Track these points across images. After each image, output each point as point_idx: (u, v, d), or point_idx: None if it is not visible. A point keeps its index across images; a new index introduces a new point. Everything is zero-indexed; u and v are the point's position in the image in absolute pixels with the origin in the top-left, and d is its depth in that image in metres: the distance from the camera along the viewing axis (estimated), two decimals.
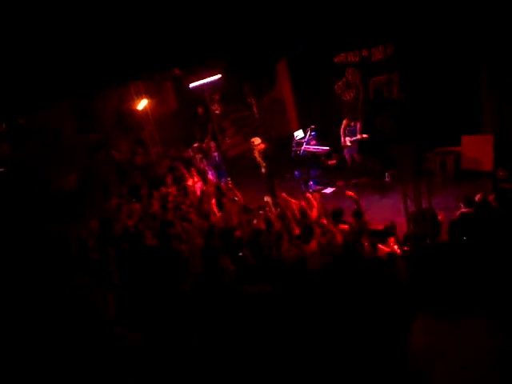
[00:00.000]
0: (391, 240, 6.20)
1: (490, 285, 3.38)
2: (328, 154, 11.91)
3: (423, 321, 3.15)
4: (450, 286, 3.38)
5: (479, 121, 9.43)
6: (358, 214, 6.65)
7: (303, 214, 7.01)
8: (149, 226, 8.09)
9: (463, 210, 5.98)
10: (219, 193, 9.28)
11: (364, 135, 10.54)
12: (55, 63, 9.02)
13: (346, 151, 11.01)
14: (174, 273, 6.08)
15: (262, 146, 10.30)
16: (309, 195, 7.43)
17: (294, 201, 7.51)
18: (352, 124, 10.77)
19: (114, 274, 6.45)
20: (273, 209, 8.49)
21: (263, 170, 10.10)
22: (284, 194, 7.76)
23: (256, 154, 10.26)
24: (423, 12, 8.93)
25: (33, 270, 7.19)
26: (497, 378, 2.70)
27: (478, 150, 9.23)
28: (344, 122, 10.87)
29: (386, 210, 8.96)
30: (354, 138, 10.66)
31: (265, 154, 10.24)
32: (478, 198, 6.05)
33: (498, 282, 3.41)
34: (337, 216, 6.74)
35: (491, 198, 6.06)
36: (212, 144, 12.30)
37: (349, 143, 10.76)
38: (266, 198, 9.21)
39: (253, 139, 10.47)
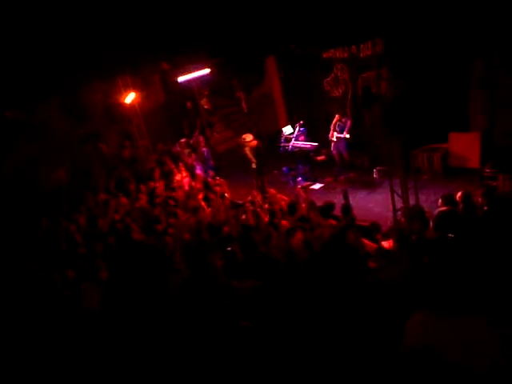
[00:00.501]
0: (378, 236, 6.24)
1: (480, 281, 3.40)
2: (317, 150, 11.91)
3: (422, 318, 3.15)
4: (442, 282, 3.40)
5: (467, 118, 9.50)
6: (347, 210, 6.68)
7: (292, 209, 7.02)
8: (136, 220, 8.06)
9: (442, 208, 6.00)
10: (207, 188, 9.26)
11: (347, 135, 10.55)
12: (43, 56, 8.92)
13: (333, 147, 11.02)
14: (159, 267, 6.07)
15: (254, 142, 10.28)
16: (299, 190, 7.44)
17: (282, 196, 7.53)
18: (343, 120, 10.78)
19: (101, 268, 6.44)
20: (261, 204, 8.49)
21: (253, 165, 10.08)
22: (273, 191, 7.77)
23: (247, 151, 10.23)
24: (412, 8, 8.95)
25: (21, 265, 7.14)
26: (497, 376, 2.70)
27: (465, 147, 9.31)
28: (336, 116, 10.88)
29: (373, 206, 9.02)
30: (339, 135, 10.69)
31: (256, 150, 10.22)
32: (459, 195, 6.07)
33: (488, 277, 3.44)
34: (326, 211, 6.76)
35: (478, 194, 6.10)
36: (201, 139, 12.25)
37: (334, 138, 10.79)
38: (255, 193, 9.20)
39: (244, 135, 10.45)
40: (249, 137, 10.29)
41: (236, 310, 4.60)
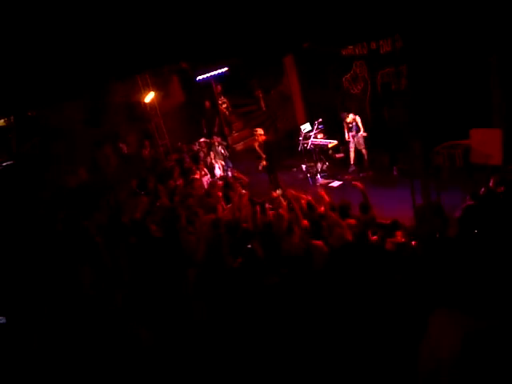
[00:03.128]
0: (398, 233, 6.18)
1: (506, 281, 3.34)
2: (335, 148, 11.88)
3: (445, 317, 3.10)
4: (467, 281, 3.35)
5: (489, 114, 9.34)
6: (365, 208, 6.63)
7: (311, 207, 7.00)
8: (156, 219, 8.13)
9: (469, 202, 5.94)
10: (226, 186, 9.29)
11: (364, 133, 10.54)
12: (66, 58, 9.07)
13: (351, 146, 11.00)
14: (180, 265, 6.11)
15: (263, 137, 10.21)
16: (321, 191, 7.40)
17: (301, 195, 7.51)
18: (351, 118, 10.77)
19: (124, 270, 6.48)
20: (282, 202, 8.48)
21: (264, 162, 10.00)
22: (291, 190, 7.75)
23: (256, 145, 10.17)
24: (432, 3, 8.85)
25: (38, 266, 7.23)
26: None
27: (486, 143, 9.13)
28: (343, 116, 10.95)
29: (393, 205, 8.93)
30: (355, 134, 10.68)
31: (266, 146, 10.14)
32: (482, 191, 6.00)
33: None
34: (344, 210, 6.72)
35: (500, 189, 6.02)
36: (216, 138, 12.33)
37: (351, 139, 10.82)
38: (277, 192, 9.17)
39: (256, 128, 10.37)
40: (260, 131, 10.19)
41: (255, 307, 4.62)
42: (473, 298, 3.12)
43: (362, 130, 10.70)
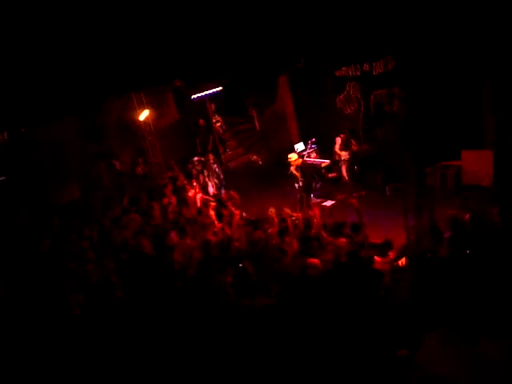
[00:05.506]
0: (391, 254, 6.16)
1: (498, 302, 3.33)
2: (328, 167, 11.92)
3: (435, 341, 3.07)
4: (457, 302, 3.33)
5: (481, 136, 9.43)
6: (357, 228, 6.64)
7: (306, 226, 6.98)
8: (148, 236, 8.07)
9: (449, 232, 5.98)
10: (219, 204, 9.26)
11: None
12: (62, 76, 9.10)
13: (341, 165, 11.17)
14: (169, 283, 6.07)
15: (299, 161, 10.38)
16: (315, 210, 7.40)
17: (295, 214, 7.50)
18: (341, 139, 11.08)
19: (116, 286, 6.40)
20: (275, 220, 8.47)
21: (300, 183, 10.16)
22: (287, 209, 7.74)
23: (293, 170, 10.36)
24: (425, 26, 8.99)
25: (25, 287, 7.10)
26: None
27: (478, 165, 9.21)
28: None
29: (386, 224, 8.92)
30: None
31: (303, 168, 10.30)
32: (467, 217, 6.03)
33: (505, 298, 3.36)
34: (337, 229, 6.71)
35: (490, 213, 6.04)
36: (211, 156, 12.36)
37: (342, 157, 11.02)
38: (270, 210, 9.17)
39: (289, 155, 10.53)
40: (294, 156, 10.39)
41: (247, 329, 4.57)
42: (462, 318, 3.10)
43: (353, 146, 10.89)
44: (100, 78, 9.63)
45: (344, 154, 11.25)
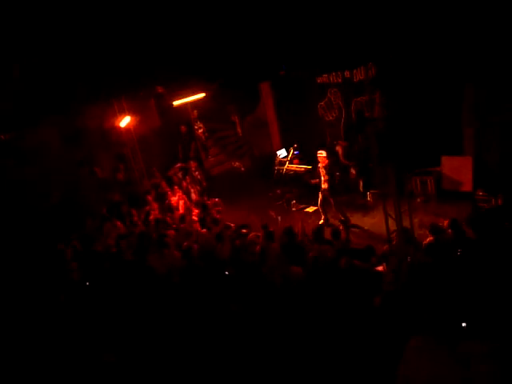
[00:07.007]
0: (373, 259, 6.22)
1: (478, 306, 3.37)
2: (310, 173, 11.95)
3: (419, 344, 3.09)
4: (437, 306, 3.37)
5: (460, 142, 9.58)
6: (337, 234, 6.69)
7: (289, 234, 6.99)
8: (129, 243, 8.01)
9: (429, 238, 6.08)
10: (202, 211, 9.25)
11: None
12: (41, 81, 8.99)
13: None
14: (151, 290, 6.04)
15: (326, 160, 10.07)
16: (296, 217, 7.42)
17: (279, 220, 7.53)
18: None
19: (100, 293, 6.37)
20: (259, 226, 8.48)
21: (324, 185, 9.79)
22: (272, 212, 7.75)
23: (321, 167, 9.98)
24: (405, 34, 9.12)
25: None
26: None
27: (457, 170, 9.36)
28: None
29: (367, 229, 9.01)
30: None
31: (330, 168, 9.91)
32: (445, 223, 6.14)
33: (486, 303, 3.41)
34: (318, 236, 6.73)
35: (466, 221, 6.16)
36: (193, 163, 12.32)
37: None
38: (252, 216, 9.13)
39: (321, 151, 10.13)
40: (323, 153, 10.04)
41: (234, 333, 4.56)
42: (443, 322, 3.13)
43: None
44: (80, 84, 9.53)
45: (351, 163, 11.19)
